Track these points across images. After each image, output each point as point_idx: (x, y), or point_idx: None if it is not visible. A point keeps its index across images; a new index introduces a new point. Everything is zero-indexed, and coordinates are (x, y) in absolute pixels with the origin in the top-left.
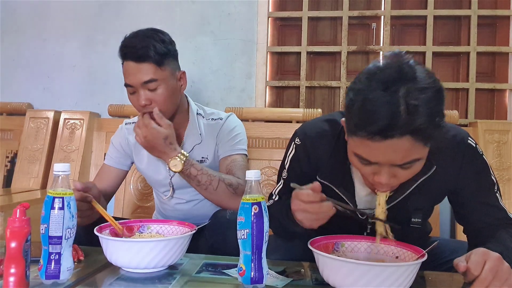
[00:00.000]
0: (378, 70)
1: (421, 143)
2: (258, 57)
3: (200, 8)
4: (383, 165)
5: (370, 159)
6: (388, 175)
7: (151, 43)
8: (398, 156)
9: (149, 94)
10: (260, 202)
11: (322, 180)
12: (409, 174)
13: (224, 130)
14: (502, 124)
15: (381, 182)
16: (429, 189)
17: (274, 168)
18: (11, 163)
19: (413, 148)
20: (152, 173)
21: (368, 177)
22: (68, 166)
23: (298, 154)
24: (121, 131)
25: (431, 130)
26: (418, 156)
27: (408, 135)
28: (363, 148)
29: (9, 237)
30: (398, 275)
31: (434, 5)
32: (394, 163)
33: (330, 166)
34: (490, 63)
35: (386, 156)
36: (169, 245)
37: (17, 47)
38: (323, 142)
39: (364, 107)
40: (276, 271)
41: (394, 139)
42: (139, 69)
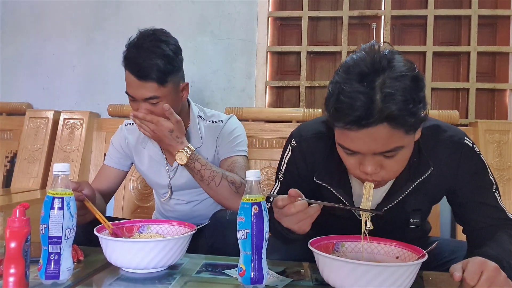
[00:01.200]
0: (353, 63)
1: (400, 130)
2: (258, 57)
3: (200, 8)
4: (366, 155)
5: (352, 148)
6: (372, 164)
7: (155, 61)
8: (378, 145)
9: (149, 106)
10: (260, 202)
11: (319, 181)
12: (395, 163)
13: (225, 133)
14: (502, 124)
15: (366, 172)
16: (426, 189)
17: (274, 168)
18: (11, 163)
19: (392, 135)
20: (152, 175)
21: (354, 168)
22: (68, 166)
23: (295, 156)
24: (121, 132)
25: (407, 116)
26: (400, 143)
27: (385, 122)
28: (344, 138)
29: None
30: (398, 275)
31: (435, 5)
32: (375, 151)
33: (326, 167)
34: (491, 63)
35: (366, 145)
36: (169, 245)
37: (17, 47)
38: (319, 144)
39: (340, 98)
40: (276, 271)
41: (371, 128)
42: (140, 86)
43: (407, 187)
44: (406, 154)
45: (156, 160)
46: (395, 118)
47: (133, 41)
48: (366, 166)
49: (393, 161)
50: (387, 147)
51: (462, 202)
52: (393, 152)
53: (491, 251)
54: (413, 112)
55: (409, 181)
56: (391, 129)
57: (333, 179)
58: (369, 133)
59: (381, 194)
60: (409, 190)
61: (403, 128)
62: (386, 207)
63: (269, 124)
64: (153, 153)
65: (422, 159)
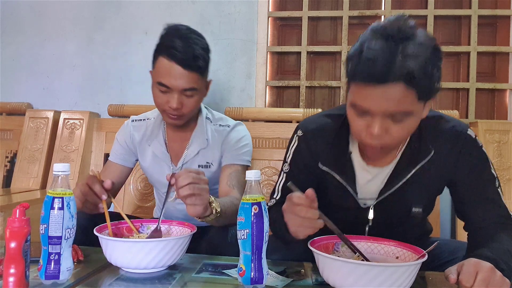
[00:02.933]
0: (380, 26)
1: (414, 93)
2: (258, 57)
3: (200, 8)
4: (375, 116)
5: (365, 105)
6: (380, 127)
7: (200, 52)
8: (390, 104)
9: (183, 99)
10: (260, 202)
11: (324, 167)
12: (401, 130)
13: (231, 139)
14: (502, 124)
15: (372, 133)
16: (427, 178)
17: (274, 168)
18: (11, 163)
19: (405, 97)
20: (155, 173)
21: (361, 130)
22: (68, 166)
23: (301, 146)
24: (127, 128)
25: (423, 79)
26: (410, 108)
27: (402, 81)
28: (359, 95)
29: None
30: (398, 275)
31: (435, 5)
32: (387, 110)
33: (331, 155)
34: (491, 63)
35: (379, 103)
36: (169, 245)
37: (17, 47)
38: (324, 134)
39: (365, 53)
40: (276, 271)
41: (388, 85)
42: (183, 75)
43: (408, 171)
44: (412, 123)
45: (161, 159)
46: (413, 77)
47: (171, 31)
48: (374, 128)
49: (399, 127)
50: (398, 108)
51: (463, 196)
52: (402, 116)
53: (488, 253)
54: (430, 76)
55: (410, 165)
56: (406, 90)
57: (337, 166)
58: (385, 91)
59: (383, 179)
60: (410, 175)
61: (417, 91)
62: (388, 192)
63: (269, 124)
64: (158, 151)
65: (423, 145)
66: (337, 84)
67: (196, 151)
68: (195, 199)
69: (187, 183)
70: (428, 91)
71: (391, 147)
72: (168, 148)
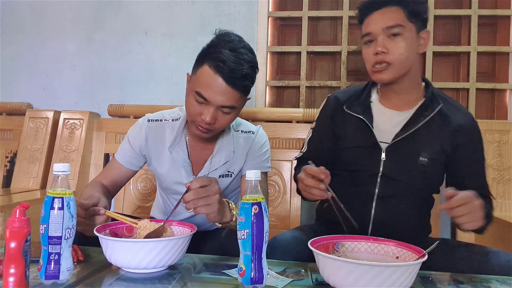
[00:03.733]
0: None
1: (402, 11)
2: (258, 57)
3: (200, 8)
4: (377, 39)
5: (368, 30)
6: (381, 44)
7: (249, 71)
8: (386, 20)
9: (219, 115)
10: (260, 202)
11: (348, 110)
12: (398, 46)
13: (256, 146)
14: (502, 124)
15: (377, 51)
16: (435, 132)
17: (275, 168)
18: (11, 163)
19: (396, 14)
20: (172, 180)
21: (370, 57)
22: (68, 166)
23: (329, 102)
24: (141, 129)
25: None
26: (403, 23)
27: (391, 4)
28: (364, 26)
29: (8, 237)
30: (398, 275)
31: (435, 5)
32: (385, 26)
33: (354, 102)
34: (491, 63)
35: (378, 23)
36: (169, 245)
37: (17, 47)
38: (350, 91)
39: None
40: (276, 271)
41: (383, 9)
42: (226, 92)
43: (422, 119)
44: (407, 41)
45: (181, 166)
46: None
47: (221, 41)
48: (377, 47)
49: (397, 43)
50: (392, 22)
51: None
52: (396, 29)
53: None
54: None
55: (422, 116)
56: (395, 9)
57: (359, 109)
58: (379, 14)
59: (399, 122)
60: (422, 124)
61: (404, 9)
62: (402, 135)
63: (269, 124)
64: (179, 158)
65: (434, 101)
66: (337, 84)
67: (221, 163)
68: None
69: (191, 199)
70: (413, 11)
71: (394, 62)
72: (190, 155)
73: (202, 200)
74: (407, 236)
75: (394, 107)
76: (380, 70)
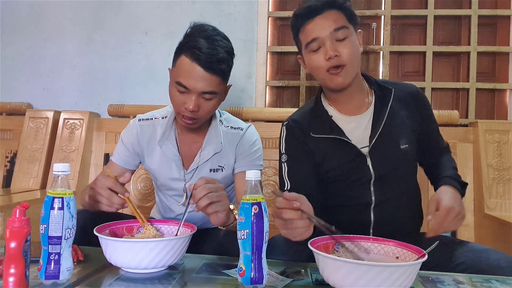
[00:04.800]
0: None
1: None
2: (258, 57)
3: (200, 8)
4: (325, 44)
5: (314, 36)
6: (331, 47)
7: (225, 55)
8: (330, 24)
9: (201, 101)
10: (260, 202)
11: (315, 135)
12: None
13: (245, 143)
14: (502, 124)
15: (330, 56)
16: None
17: (274, 168)
18: (11, 163)
19: (338, 16)
20: (164, 175)
21: (320, 63)
22: (68, 166)
23: (290, 130)
24: (133, 128)
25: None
26: (346, 25)
27: (333, 9)
28: (308, 32)
29: (8, 237)
30: (398, 275)
31: (435, 5)
32: (330, 29)
33: (317, 123)
34: (491, 63)
35: (322, 28)
36: (169, 245)
37: (17, 47)
38: (305, 113)
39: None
40: (276, 271)
41: (323, 14)
42: (204, 78)
43: (384, 112)
44: (354, 42)
45: (172, 160)
46: (337, 1)
47: (196, 31)
48: (328, 51)
49: (346, 45)
50: (337, 24)
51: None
52: (343, 30)
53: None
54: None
55: (383, 107)
56: (336, 12)
57: (324, 129)
58: (322, 18)
59: (366, 125)
60: (386, 115)
61: (344, 12)
62: (376, 135)
63: (269, 124)
64: (169, 153)
65: (385, 90)
66: None
67: (210, 155)
68: (215, 205)
69: (204, 194)
70: (351, 14)
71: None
72: (179, 149)
73: (215, 196)
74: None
75: (354, 112)
76: (337, 73)
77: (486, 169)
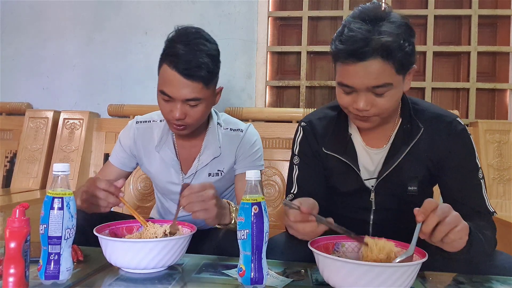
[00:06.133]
0: (359, 11)
1: (391, 66)
2: (258, 57)
3: (200, 8)
4: (359, 92)
5: (349, 83)
6: (364, 101)
7: (204, 59)
8: (371, 78)
9: (187, 109)
10: (260, 203)
11: (327, 151)
12: (385, 102)
13: (245, 144)
14: (502, 124)
15: (359, 108)
16: (419, 157)
17: (274, 168)
18: (11, 163)
19: (383, 70)
20: (163, 179)
21: (348, 106)
22: (68, 166)
23: (306, 134)
24: (130, 131)
25: (398, 50)
26: (390, 80)
27: (378, 56)
28: (343, 74)
29: (8, 237)
30: (398, 276)
31: (435, 5)
32: (368, 85)
33: (333, 139)
34: (491, 63)
35: (361, 79)
36: (169, 245)
37: (16, 47)
38: (325, 122)
39: (345, 33)
40: (276, 271)
41: (366, 61)
42: (185, 85)
43: (402, 151)
44: (395, 95)
45: (170, 165)
46: (388, 49)
47: (176, 37)
48: (359, 103)
49: (383, 100)
50: (378, 82)
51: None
52: (383, 88)
53: None
54: (404, 50)
55: (403, 145)
56: (383, 64)
57: (340, 148)
58: (364, 66)
59: (380, 159)
60: (404, 154)
61: (393, 63)
62: (386, 172)
63: (269, 124)
64: (167, 158)
65: (414, 124)
66: None
67: (208, 160)
68: (199, 214)
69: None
70: (403, 64)
71: (379, 116)
72: (178, 154)
73: (197, 205)
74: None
75: (374, 143)
76: (364, 120)
77: (486, 169)
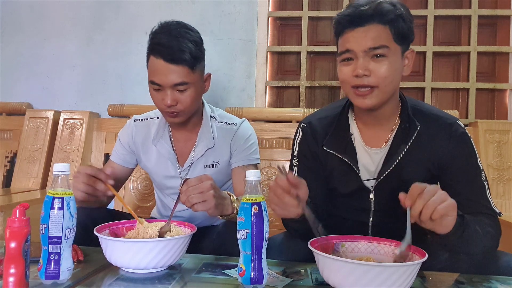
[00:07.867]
0: None
1: (388, 31)
2: (258, 57)
3: (200, 8)
4: (358, 59)
5: (348, 46)
6: (362, 66)
7: (187, 44)
8: (369, 39)
9: (177, 95)
10: (260, 202)
11: (327, 149)
12: (383, 70)
13: (240, 138)
14: (502, 124)
15: (358, 74)
16: (419, 158)
17: (274, 168)
18: (11, 163)
19: (381, 33)
20: (160, 173)
21: (348, 77)
22: (68, 166)
23: (305, 136)
24: (129, 128)
25: (397, 19)
26: (387, 43)
27: (377, 22)
28: (344, 41)
29: (8, 237)
30: (398, 275)
31: (435, 5)
32: (366, 47)
33: (333, 138)
34: (491, 63)
35: (359, 41)
36: (169, 245)
37: (17, 47)
38: (326, 121)
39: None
40: (276, 271)
41: (366, 26)
42: (171, 70)
43: (401, 149)
44: (393, 64)
45: (167, 158)
46: (386, 14)
47: (159, 29)
48: (358, 69)
49: (382, 68)
50: (376, 43)
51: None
52: (381, 50)
53: None
54: (402, 18)
55: (402, 143)
56: (381, 28)
57: (340, 147)
58: (363, 31)
59: (380, 159)
60: (404, 154)
61: (391, 29)
62: (386, 172)
63: (269, 124)
64: (164, 151)
65: (412, 124)
66: (337, 84)
67: (203, 151)
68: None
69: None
70: (401, 33)
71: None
72: (174, 147)
73: (195, 197)
74: None
75: (373, 142)
76: (363, 94)
77: (486, 169)
